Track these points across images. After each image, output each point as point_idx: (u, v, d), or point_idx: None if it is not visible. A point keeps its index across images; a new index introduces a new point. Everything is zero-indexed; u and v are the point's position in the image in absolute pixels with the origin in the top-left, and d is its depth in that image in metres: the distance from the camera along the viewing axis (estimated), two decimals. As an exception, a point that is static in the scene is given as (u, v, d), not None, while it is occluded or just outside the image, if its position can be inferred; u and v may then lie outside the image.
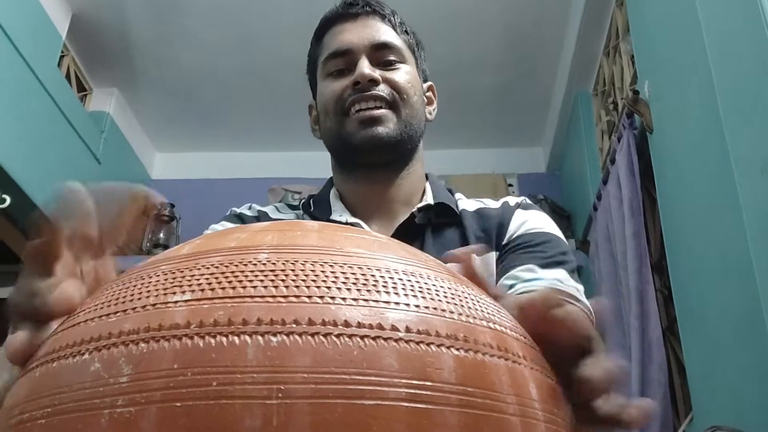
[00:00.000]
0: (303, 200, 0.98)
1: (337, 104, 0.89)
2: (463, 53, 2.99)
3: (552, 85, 3.25)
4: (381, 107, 0.87)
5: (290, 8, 2.83)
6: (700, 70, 1.68)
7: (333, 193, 0.95)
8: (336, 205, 0.93)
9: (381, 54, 0.91)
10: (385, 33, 0.93)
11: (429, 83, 1.01)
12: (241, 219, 0.93)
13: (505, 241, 0.87)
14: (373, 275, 0.30)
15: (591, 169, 2.92)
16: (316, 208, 0.94)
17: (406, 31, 0.97)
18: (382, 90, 0.88)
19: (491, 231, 0.89)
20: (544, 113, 3.43)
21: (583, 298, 0.81)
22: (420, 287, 0.30)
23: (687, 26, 1.77)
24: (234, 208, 0.96)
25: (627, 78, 2.51)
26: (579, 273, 0.86)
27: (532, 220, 0.89)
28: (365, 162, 0.90)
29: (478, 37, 2.97)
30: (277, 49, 3.01)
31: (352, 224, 0.88)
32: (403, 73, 0.91)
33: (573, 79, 3.02)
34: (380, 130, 0.86)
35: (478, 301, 0.32)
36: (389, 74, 0.90)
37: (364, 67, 0.88)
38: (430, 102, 0.99)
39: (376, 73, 0.89)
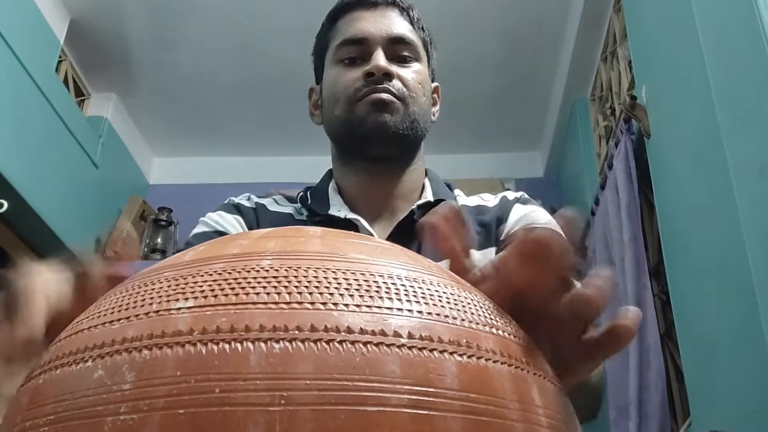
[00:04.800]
0: (301, 194, 0.97)
1: (346, 93, 0.88)
2: (461, 58, 2.99)
3: (550, 90, 3.25)
4: (391, 96, 0.87)
5: (288, 13, 2.83)
6: (697, 75, 1.69)
7: (332, 186, 0.94)
8: (334, 199, 0.91)
9: (396, 48, 0.90)
10: (402, 27, 0.92)
11: (435, 84, 1.00)
12: (237, 209, 0.92)
13: (503, 236, 0.88)
14: (375, 281, 0.30)
15: (588, 174, 2.93)
16: (314, 201, 0.93)
17: (422, 28, 0.96)
18: (394, 85, 0.87)
19: (490, 226, 0.89)
20: (541, 118, 3.44)
21: None
22: (423, 293, 0.30)
23: (684, 31, 1.78)
24: (232, 198, 0.95)
25: (624, 83, 2.52)
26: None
27: (530, 215, 0.90)
28: (369, 153, 0.89)
29: (477, 42, 2.98)
30: (275, 54, 3.02)
31: (350, 220, 0.87)
32: (416, 72, 0.90)
33: (571, 84, 3.03)
34: (388, 117, 0.86)
35: (481, 307, 0.32)
36: (402, 71, 0.89)
37: (380, 59, 0.87)
38: (434, 103, 0.99)
39: (391, 68, 0.88)
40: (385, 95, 0.86)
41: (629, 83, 2.42)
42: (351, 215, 0.88)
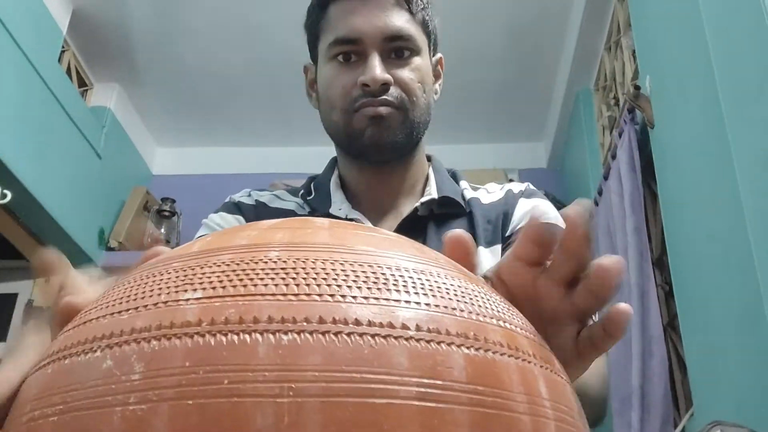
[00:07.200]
0: (302, 191, 0.95)
1: (343, 101, 0.85)
2: (465, 48, 2.98)
3: (553, 80, 3.24)
4: (389, 107, 0.85)
5: (292, 2, 2.82)
6: (701, 65, 1.68)
7: (334, 180, 0.93)
8: (336, 195, 0.90)
9: (394, 45, 0.86)
10: (399, 19, 0.86)
11: (438, 56, 0.96)
12: (238, 208, 0.91)
13: (508, 233, 0.87)
14: (383, 273, 0.30)
15: (592, 164, 2.92)
16: (316, 196, 0.92)
17: (422, 8, 0.90)
18: (392, 94, 0.84)
19: (497, 222, 0.88)
20: (545, 108, 3.43)
21: None
22: (430, 285, 0.30)
23: (688, 21, 1.77)
24: (232, 196, 0.94)
25: (628, 73, 2.51)
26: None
27: (535, 210, 0.89)
28: (368, 159, 0.89)
29: (480, 32, 2.97)
30: (278, 43, 3.01)
31: (351, 220, 0.86)
32: (414, 70, 0.87)
33: (574, 74, 3.02)
34: (386, 133, 0.84)
35: (489, 300, 0.32)
36: (400, 72, 0.85)
37: (376, 68, 0.83)
38: (437, 77, 0.95)
39: (387, 75, 0.84)
40: (382, 109, 0.83)
41: (633, 73, 2.41)
42: (352, 214, 0.87)
